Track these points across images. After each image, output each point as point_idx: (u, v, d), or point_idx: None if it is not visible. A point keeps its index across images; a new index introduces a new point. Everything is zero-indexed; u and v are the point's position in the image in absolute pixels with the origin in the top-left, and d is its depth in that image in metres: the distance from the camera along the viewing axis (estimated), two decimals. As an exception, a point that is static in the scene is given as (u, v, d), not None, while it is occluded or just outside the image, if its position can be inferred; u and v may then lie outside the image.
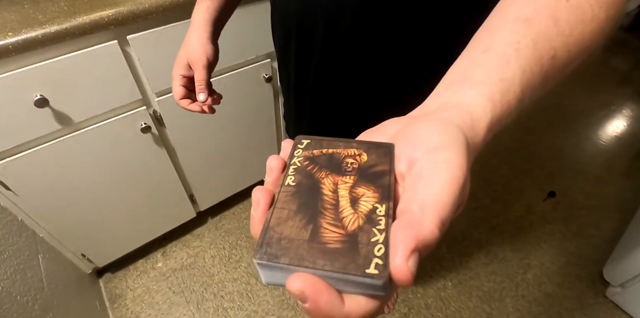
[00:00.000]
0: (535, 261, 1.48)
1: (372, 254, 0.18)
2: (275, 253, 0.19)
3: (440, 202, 0.19)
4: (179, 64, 0.65)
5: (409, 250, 0.17)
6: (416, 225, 0.18)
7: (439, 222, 0.18)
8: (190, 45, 0.64)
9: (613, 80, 2.38)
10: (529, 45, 0.27)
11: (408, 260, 0.17)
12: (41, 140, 0.91)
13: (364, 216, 0.21)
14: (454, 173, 0.20)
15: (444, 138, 0.22)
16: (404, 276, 0.17)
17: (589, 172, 1.81)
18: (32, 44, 0.78)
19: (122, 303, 1.34)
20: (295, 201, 0.22)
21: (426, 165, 0.21)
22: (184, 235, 1.54)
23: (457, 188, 0.20)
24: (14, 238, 0.92)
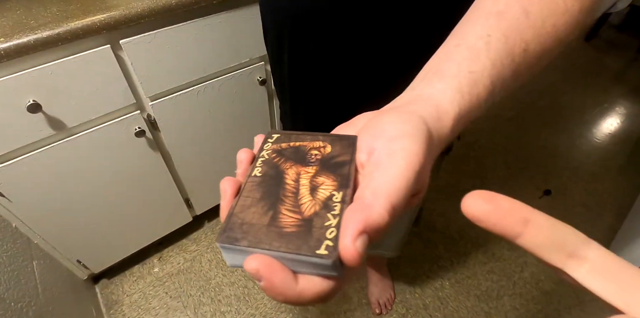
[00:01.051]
0: (532, 259, 1.48)
1: (324, 237, 0.20)
2: (235, 237, 0.21)
3: (393, 187, 0.20)
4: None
5: (356, 231, 0.18)
6: (366, 209, 0.19)
7: (389, 207, 0.19)
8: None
9: (606, 79, 2.40)
10: (499, 38, 0.27)
11: (355, 241, 0.18)
12: (35, 146, 0.91)
13: (321, 202, 0.22)
14: (409, 160, 0.21)
15: (404, 127, 0.23)
16: (351, 256, 0.18)
17: (584, 169, 1.83)
18: (24, 50, 0.77)
19: (119, 309, 1.33)
20: (259, 190, 0.24)
21: (383, 153, 0.22)
22: (181, 239, 1.53)
23: (411, 175, 0.20)
24: (8, 245, 0.91)
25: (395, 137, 0.22)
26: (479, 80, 0.26)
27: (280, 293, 0.19)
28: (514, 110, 2.13)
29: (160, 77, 1.00)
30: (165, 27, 0.93)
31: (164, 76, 1.00)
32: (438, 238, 1.55)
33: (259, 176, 0.25)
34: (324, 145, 0.26)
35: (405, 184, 0.20)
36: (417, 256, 1.50)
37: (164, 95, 1.04)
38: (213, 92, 1.13)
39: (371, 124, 0.25)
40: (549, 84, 2.32)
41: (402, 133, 0.22)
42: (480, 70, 0.27)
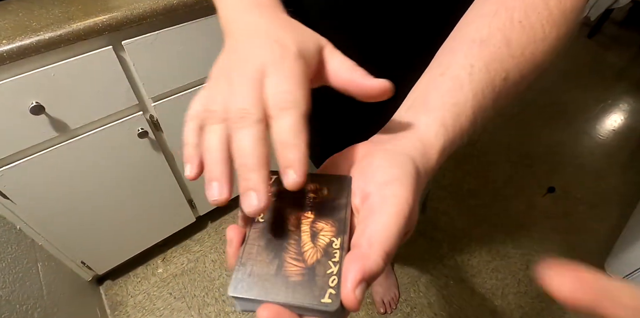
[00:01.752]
0: (537, 257, 1.48)
1: (327, 285, 0.22)
2: (246, 287, 0.23)
3: (386, 236, 0.21)
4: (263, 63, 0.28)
5: (356, 281, 0.20)
6: (363, 259, 0.21)
7: (383, 254, 0.21)
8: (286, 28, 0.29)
9: (608, 75, 2.39)
10: (481, 68, 0.29)
11: (355, 290, 0.20)
12: (38, 148, 0.91)
13: (322, 250, 0.24)
14: (400, 207, 0.22)
15: (394, 172, 0.24)
16: (352, 303, 0.20)
17: (587, 166, 1.82)
18: (27, 51, 0.77)
19: (123, 311, 1.33)
20: (263, 237, 0.25)
21: (376, 199, 0.23)
22: (184, 240, 1.53)
23: (402, 222, 0.22)
24: (12, 247, 0.91)
25: (386, 183, 0.24)
26: (462, 112, 0.28)
27: None
28: (517, 108, 2.12)
29: (162, 78, 1.00)
30: (167, 28, 0.93)
31: (166, 77, 1.00)
32: (442, 237, 1.55)
33: (262, 222, 0.26)
34: (320, 188, 0.27)
35: (397, 231, 0.22)
36: (421, 255, 1.49)
37: (167, 95, 1.04)
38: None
39: (363, 165, 0.27)
40: (552, 81, 2.31)
41: (392, 178, 0.24)
42: (463, 101, 0.28)
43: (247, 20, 0.29)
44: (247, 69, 0.25)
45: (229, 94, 0.24)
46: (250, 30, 0.28)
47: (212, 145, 0.24)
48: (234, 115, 0.23)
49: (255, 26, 0.28)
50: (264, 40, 0.26)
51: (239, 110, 0.23)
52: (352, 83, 0.27)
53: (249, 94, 0.23)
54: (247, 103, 0.23)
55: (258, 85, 0.24)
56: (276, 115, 0.23)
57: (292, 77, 0.24)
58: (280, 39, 0.26)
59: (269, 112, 0.23)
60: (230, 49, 0.28)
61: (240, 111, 0.23)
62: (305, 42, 0.27)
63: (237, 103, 0.23)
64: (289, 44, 0.26)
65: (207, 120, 0.25)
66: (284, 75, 0.24)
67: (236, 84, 0.24)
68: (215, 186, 0.23)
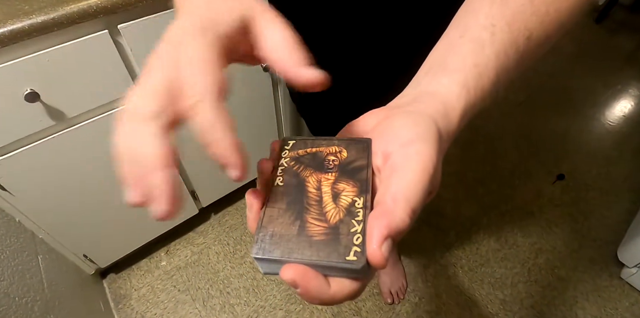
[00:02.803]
0: (547, 245, 1.45)
1: (351, 243, 0.22)
2: (269, 248, 0.22)
3: (411, 192, 0.21)
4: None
5: (382, 237, 0.20)
6: (389, 215, 0.20)
7: (409, 210, 0.20)
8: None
9: (618, 60, 2.34)
10: (503, 28, 0.27)
11: (381, 246, 0.19)
12: (35, 137, 0.88)
13: (344, 209, 0.23)
14: (424, 164, 0.21)
15: (416, 131, 0.23)
16: (378, 260, 0.20)
17: (597, 153, 1.78)
18: (19, 36, 0.74)
19: (127, 304, 1.31)
20: (284, 200, 0.25)
21: (399, 158, 0.23)
22: (187, 232, 1.51)
23: (426, 178, 0.21)
24: (11, 240, 0.89)
25: (409, 142, 0.23)
26: (484, 73, 0.27)
27: (316, 298, 0.21)
28: (524, 94, 2.08)
29: (161, 64, 0.97)
30: (165, 11, 0.90)
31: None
32: (449, 226, 1.52)
33: (282, 185, 0.26)
34: (339, 150, 0.27)
35: (422, 188, 0.21)
36: (428, 244, 1.47)
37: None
38: (216, 79, 1.09)
39: (383, 127, 0.26)
40: (560, 66, 2.26)
41: (415, 137, 0.23)
42: (485, 62, 0.27)
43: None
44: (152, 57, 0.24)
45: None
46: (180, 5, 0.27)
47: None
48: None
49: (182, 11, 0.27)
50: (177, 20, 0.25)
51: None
52: (284, 66, 0.24)
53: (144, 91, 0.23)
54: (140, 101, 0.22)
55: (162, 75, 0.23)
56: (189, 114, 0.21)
57: (190, 60, 0.22)
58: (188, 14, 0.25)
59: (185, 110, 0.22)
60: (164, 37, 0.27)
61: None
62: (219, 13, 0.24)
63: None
64: (196, 20, 0.24)
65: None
66: (187, 61, 0.22)
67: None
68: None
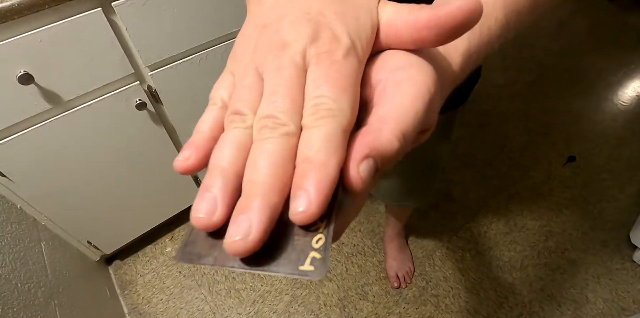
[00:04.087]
0: (557, 228, 1.43)
1: (309, 247, 0.16)
2: (199, 253, 0.16)
3: (401, 114, 0.17)
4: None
5: (361, 155, 0.16)
6: (373, 133, 0.17)
7: (398, 132, 0.17)
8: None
9: (632, 39, 2.26)
10: None
11: (359, 166, 0.16)
12: (32, 122, 0.86)
13: None
14: (417, 88, 0.18)
15: (409, 58, 0.20)
16: (354, 182, 0.16)
17: (609, 134, 1.73)
18: (9, 14, 0.71)
19: (133, 289, 1.31)
20: None
21: (389, 84, 0.19)
22: (192, 218, 1.50)
23: (420, 103, 0.18)
24: (13, 226, 0.88)
25: (401, 67, 0.20)
26: (490, 13, 0.24)
27: None
28: (534, 74, 2.02)
29: (158, 44, 0.93)
30: (160, -13, 0.86)
31: (162, 43, 0.94)
32: (456, 209, 1.49)
33: None
34: None
35: (415, 112, 0.18)
36: (435, 227, 1.45)
37: (164, 64, 0.98)
38: (216, 60, 1.06)
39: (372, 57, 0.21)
40: (571, 45, 2.19)
41: (407, 63, 0.20)
42: (493, 2, 0.24)
43: None
44: (282, 61, 0.19)
45: (260, 91, 0.19)
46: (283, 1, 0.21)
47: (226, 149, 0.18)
48: (259, 124, 0.18)
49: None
50: (305, 19, 0.20)
51: (265, 117, 0.18)
52: (418, 24, 0.19)
53: (283, 96, 0.18)
54: (278, 108, 0.18)
55: (296, 82, 0.18)
56: (310, 124, 0.17)
57: (339, 79, 0.18)
58: (324, 19, 0.20)
59: (304, 119, 0.18)
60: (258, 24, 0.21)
61: (267, 119, 0.18)
62: (359, 19, 0.20)
63: (266, 108, 0.18)
64: (339, 30, 0.19)
65: (229, 122, 0.19)
66: (330, 75, 0.18)
67: (268, 79, 0.19)
68: (209, 199, 0.17)
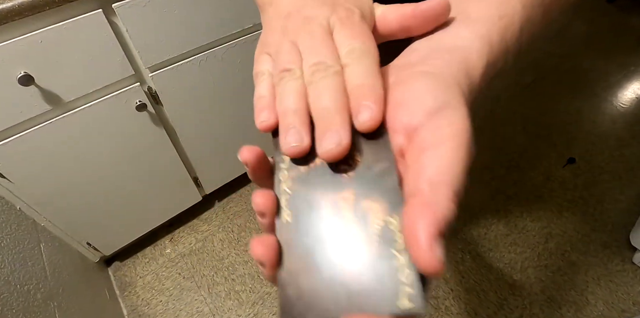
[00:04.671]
0: (557, 230, 1.43)
1: (398, 283, 0.16)
2: (301, 313, 0.17)
3: (451, 173, 0.17)
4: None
5: (431, 236, 0.15)
6: (431, 206, 0.16)
7: (453, 196, 0.16)
8: None
9: (631, 41, 2.26)
10: None
11: (433, 248, 0.15)
12: (32, 123, 0.86)
13: (377, 237, 0.18)
14: (459, 138, 0.18)
15: (442, 97, 0.19)
16: (435, 268, 0.15)
17: (609, 135, 1.73)
18: (10, 15, 0.71)
19: (132, 291, 1.31)
20: (298, 242, 0.19)
21: (428, 133, 0.18)
22: (191, 219, 1.50)
23: (465, 154, 0.18)
24: (12, 227, 0.88)
25: (436, 110, 0.19)
26: (509, 27, 0.23)
27: None
28: (533, 76, 2.02)
29: (158, 46, 0.93)
30: (161, -11, 0.86)
31: (162, 44, 0.94)
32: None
33: (292, 223, 0.19)
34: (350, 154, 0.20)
35: (462, 166, 0.18)
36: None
37: (164, 65, 0.98)
38: (216, 62, 1.06)
39: (398, 94, 0.21)
40: (571, 47, 2.19)
41: (442, 104, 0.19)
42: (511, 14, 0.23)
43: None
44: (312, 27, 0.23)
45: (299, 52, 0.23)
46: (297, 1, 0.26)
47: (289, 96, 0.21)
48: (311, 70, 0.21)
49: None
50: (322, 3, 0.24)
51: (314, 64, 0.21)
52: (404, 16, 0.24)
53: (322, 48, 0.22)
54: (322, 56, 0.21)
55: (328, 38, 0.23)
56: (350, 63, 0.21)
57: (361, 32, 0.23)
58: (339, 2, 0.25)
59: (343, 61, 0.22)
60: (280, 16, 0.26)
61: (316, 65, 0.21)
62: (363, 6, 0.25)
63: (312, 58, 0.22)
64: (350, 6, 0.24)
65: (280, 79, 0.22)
66: (353, 30, 0.23)
67: (305, 42, 0.23)
68: (294, 132, 0.20)
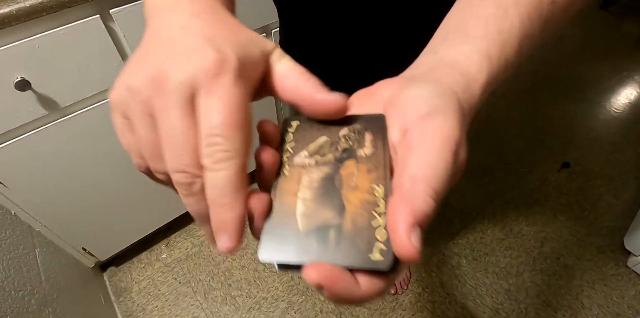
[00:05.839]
0: (553, 234, 1.43)
1: (373, 239, 0.19)
2: (277, 250, 0.20)
3: (430, 170, 0.18)
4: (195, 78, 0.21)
5: (408, 225, 0.17)
6: (409, 199, 0.18)
7: (431, 191, 0.18)
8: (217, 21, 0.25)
9: (624, 46, 2.29)
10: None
11: (410, 236, 0.17)
12: (28, 128, 0.86)
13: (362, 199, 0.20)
14: (444, 140, 0.19)
15: (435, 103, 0.21)
16: (410, 253, 0.17)
17: (603, 140, 1.75)
18: (7, 20, 0.71)
19: (128, 296, 1.30)
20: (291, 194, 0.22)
21: (416, 133, 0.20)
22: (188, 224, 1.49)
23: (448, 156, 0.19)
24: (7, 233, 0.87)
25: (428, 115, 0.20)
26: (507, 41, 0.24)
27: (345, 300, 0.18)
28: (529, 82, 2.04)
29: (155, 51, 0.94)
30: (158, -5, 0.86)
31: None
32: (453, 214, 1.50)
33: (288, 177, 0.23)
34: (352, 131, 0.24)
35: (443, 166, 0.19)
36: (432, 233, 1.45)
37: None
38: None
39: (398, 98, 0.23)
40: (565, 52, 2.22)
41: (434, 109, 0.20)
42: (509, 28, 0.24)
43: (175, 16, 0.23)
44: (169, 102, 0.20)
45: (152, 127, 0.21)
46: (179, 27, 0.23)
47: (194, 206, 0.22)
48: (176, 179, 0.20)
49: (187, 23, 0.23)
50: (197, 42, 0.21)
51: (178, 171, 0.20)
52: (300, 94, 0.23)
53: (183, 148, 0.20)
54: (184, 162, 0.20)
55: (187, 121, 0.20)
56: (209, 167, 0.19)
57: (229, 106, 0.20)
58: (217, 44, 0.21)
59: (203, 160, 0.20)
60: (145, 46, 0.23)
61: (179, 174, 0.20)
62: (248, 48, 0.22)
63: (172, 163, 0.20)
64: (228, 51, 0.21)
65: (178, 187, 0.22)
66: (219, 103, 0.20)
67: (162, 123, 0.20)
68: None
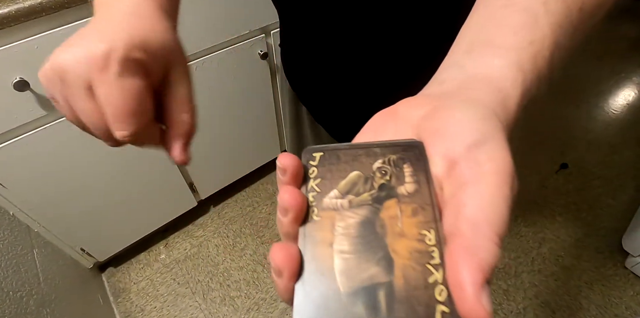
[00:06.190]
0: (551, 235, 1.43)
1: (433, 300, 0.15)
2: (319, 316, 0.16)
3: (493, 214, 0.16)
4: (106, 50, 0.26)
5: (477, 284, 0.14)
6: (473, 250, 0.15)
7: (497, 239, 0.15)
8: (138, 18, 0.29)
9: (622, 48, 2.30)
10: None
11: (481, 298, 0.14)
12: (26, 128, 0.86)
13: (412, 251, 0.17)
14: (501, 173, 0.17)
15: (482, 129, 0.18)
16: (482, 316, 0.14)
17: (601, 141, 1.76)
18: (6, 21, 0.72)
19: (126, 297, 1.30)
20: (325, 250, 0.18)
21: (467, 167, 0.17)
22: (186, 225, 1.49)
23: (508, 192, 0.16)
24: (5, 233, 0.87)
25: (477, 143, 0.18)
26: (539, 52, 0.22)
27: None
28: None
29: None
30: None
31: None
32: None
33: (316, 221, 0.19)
34: (387, 162, 0.19)
35: (506, 205, 0.16)
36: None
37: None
38: (211, 68, 1.07)
39: (435, 123, 0.19)
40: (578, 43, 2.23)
41: (482, 136, 0.18)
42: (541, 38, 0.22)
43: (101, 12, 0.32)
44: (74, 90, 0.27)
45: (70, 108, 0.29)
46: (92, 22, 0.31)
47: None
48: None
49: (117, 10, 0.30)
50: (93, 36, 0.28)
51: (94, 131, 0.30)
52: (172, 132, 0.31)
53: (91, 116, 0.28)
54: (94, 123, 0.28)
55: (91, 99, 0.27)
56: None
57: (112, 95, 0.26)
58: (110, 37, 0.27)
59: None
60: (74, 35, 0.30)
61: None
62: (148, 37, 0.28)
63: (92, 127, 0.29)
64: (118, 44, 0.26)
65: None
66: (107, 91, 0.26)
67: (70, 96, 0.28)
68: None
